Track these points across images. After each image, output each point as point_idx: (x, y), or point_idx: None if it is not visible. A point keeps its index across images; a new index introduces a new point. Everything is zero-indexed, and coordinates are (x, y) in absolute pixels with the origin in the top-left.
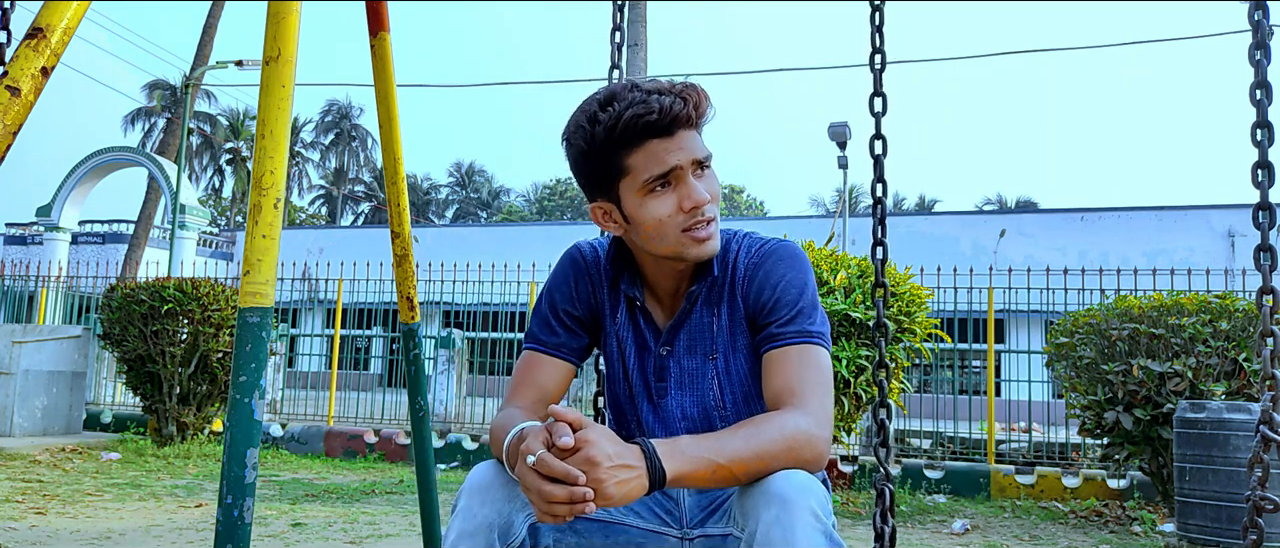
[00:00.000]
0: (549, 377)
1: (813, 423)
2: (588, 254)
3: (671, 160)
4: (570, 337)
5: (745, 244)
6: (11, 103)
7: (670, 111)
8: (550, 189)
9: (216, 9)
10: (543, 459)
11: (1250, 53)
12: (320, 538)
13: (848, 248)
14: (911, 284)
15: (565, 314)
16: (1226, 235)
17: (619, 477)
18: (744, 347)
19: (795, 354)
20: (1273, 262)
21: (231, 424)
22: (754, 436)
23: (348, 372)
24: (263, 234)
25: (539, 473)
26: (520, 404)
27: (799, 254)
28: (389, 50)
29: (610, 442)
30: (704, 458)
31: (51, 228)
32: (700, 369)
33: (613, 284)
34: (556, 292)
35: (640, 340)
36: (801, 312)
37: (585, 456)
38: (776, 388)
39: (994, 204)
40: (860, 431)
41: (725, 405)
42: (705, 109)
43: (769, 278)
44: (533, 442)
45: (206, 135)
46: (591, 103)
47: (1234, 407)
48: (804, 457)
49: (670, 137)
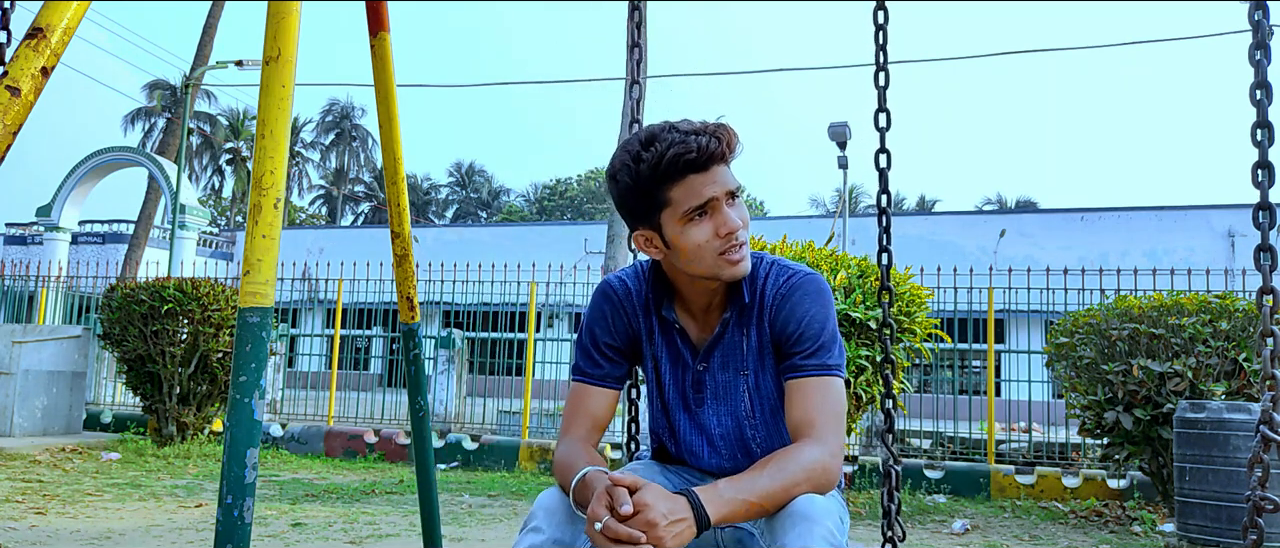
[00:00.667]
0: (598, 405)
1: (828, 454)
2: (618, 289)
3: (708, 193)
4: (612, 367)
5: (773, 272)
6: (11, 103)
7: (707, 150)
8: (550, 189)
9: (216, 9)
10: (609, 526)
11: (1250, 53)
12: (320, 538)
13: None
14: (911, 284)
15: (606, 347)
16: (1226, 235)
17: (675, 531)
18: (771, 366)
19: (815, 386)
20: (1273, 262)
21: (231, 424)
22: (779, 473)
23: (348, 372)
24: (263, 234)
25: (607, 536)
26: (577, 436)
27: (824, 289)
28: (389, 50)
29: (664, 500)
30: (740, 500)
31: (51, 228)
32: (733, 383)
33: (646, 309)
34: (596, 327)
35: (676, 358)
36: (823, 347)
37: (644, 518)
38: (797, 419)
39: (994, 204)
40: (860, 430)
41: (754, 416)
42: (735, 146)
43: (795, 311)
44: (598, 508)
45: (206, 135)
46: (633, 142)
47: (1234, 407)
48: (821, 483)
49: (706, 172)
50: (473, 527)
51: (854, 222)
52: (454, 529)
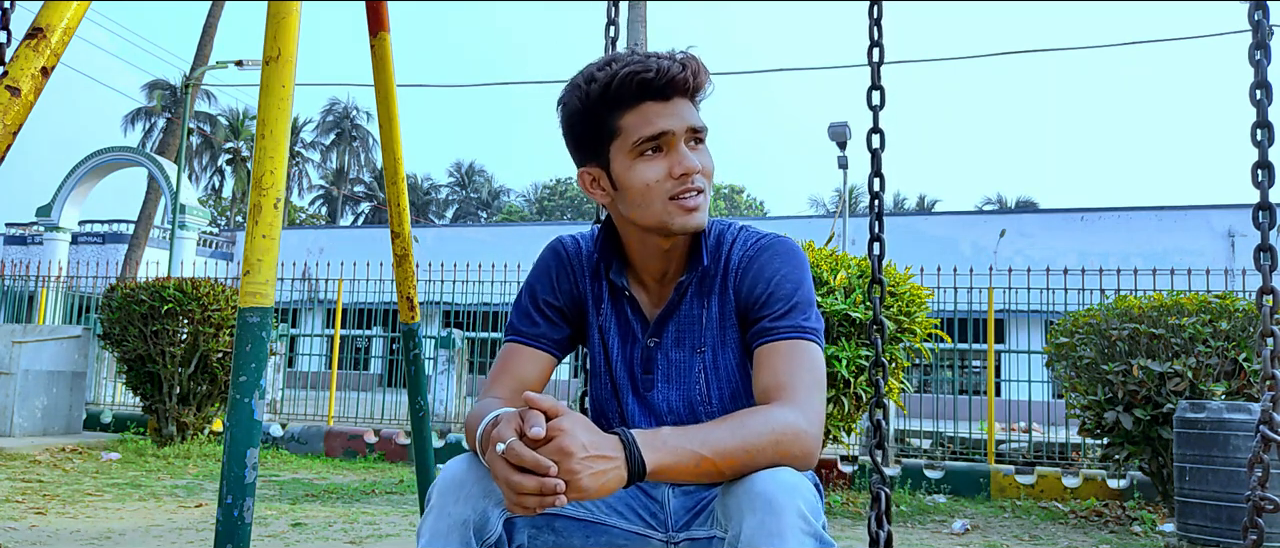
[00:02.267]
0: (529, 368)
1: (802, 418)
2: (569, 247)
3: (664, 124)
4: (551, 327)
5: (741, 237)
6: (11, 103)
7: (667, 73)
8: (550, 189)
9: (216, 9)
10: (513, 448)
11: (1250, 53)
12: (320, 538)
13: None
14: (911, 284)
15: (546, 305)
16: (1226, 235)
17: (594, 468)
18: (734, 342)
19: (786, 349)
20: (1273, 262)
21: (231, 424)
22: (740, 428)
23: (348, 372)
24: (263, 234)
25: (509, 462)
26: (498, 394)
27: (795, 250)
28: (389, 50)
29: (586, 431)
30: (687, 449)
31: (51, 228)
32: (687, 362)
33: (596, 274)
34: (537, 283)
35: (626, 331)
36: (796, 307)
37: (558, 445)
38: (766, 383)
39: (994, 204)
40: (861, 430)
41: (711, 401)
42: (703, 81)
43: (763, 271)
44: (505, 429)
45: (206, 135)
46: (590, 66)
47: (1234, 407)
48: (792, 452)
49: (665, 100)
50: None
51: (854, 222)
52: None
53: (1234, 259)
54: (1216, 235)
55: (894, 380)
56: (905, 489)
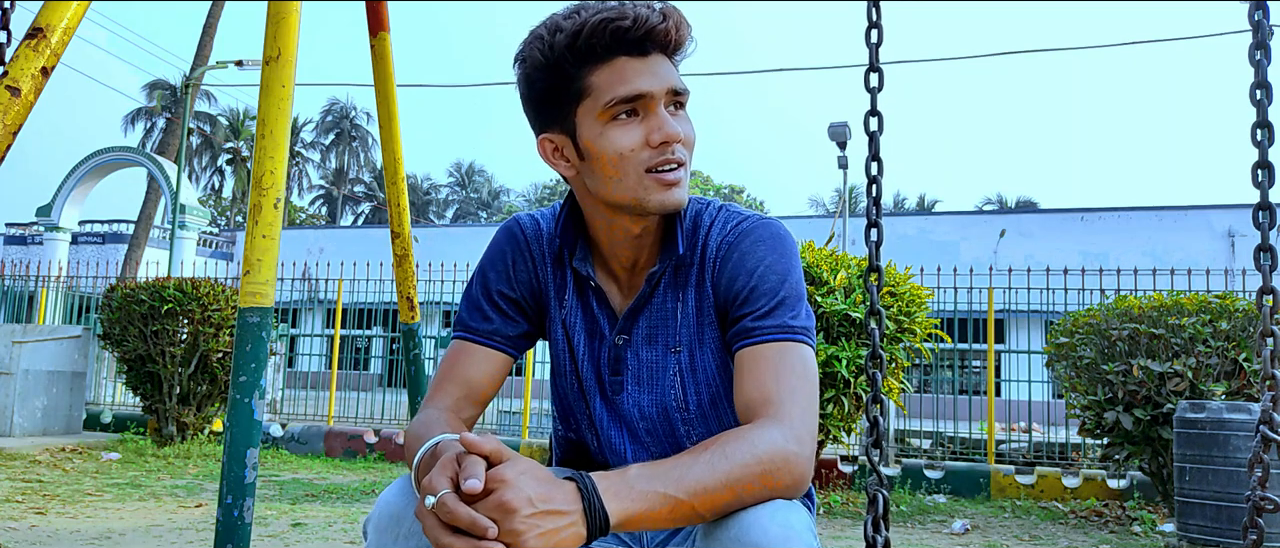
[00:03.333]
0: (479, 369)
1: (792, 440)
2: (528, 228)
3: (642, 84)
4: (505, 322)
5: (720, 219)
6: (11, 103)
7: (645, 22)
8: (550, 189)
9: (216, 9)
10: (444, 503)
11: (1250, 53)
12: (320, 538)
13: (848, 248)
14: (911, 284)
15: (499, 296)
16: (1226, 235)
17: (543, 526)
18: (713, 340)
19: (773, 354)
20: (1273, 262)
21: (231, 424)
22: (722, 460)
23: (348, 372)
24: (263, 234)
25: (439, 519)
26: (442, 404)
27: (782, 234)
28: (389, 50)
29: (534, 482)
30: (659, 494)
31: (51, 228)
32: (660, 363)
33: (558, 261)
34: (490, 271)
35: (592, 327)
36: (783, 303)
37: (499, 500)
38: (749, 395)
39: (994, 204)
40: (860, 430)
41: (688, 406)
42: (686, 35)
43: (745, 261)
44: (437, 478)
45: (206, 135)
46: (554, 15)
47: (1234, 407)
48: (782, 483)
49: (643, 57)
50: None
51: (854, 222)
52: None
53: (1234, 259)
54: (1216, 235)
55: (894, 380)
56: (905, 489)
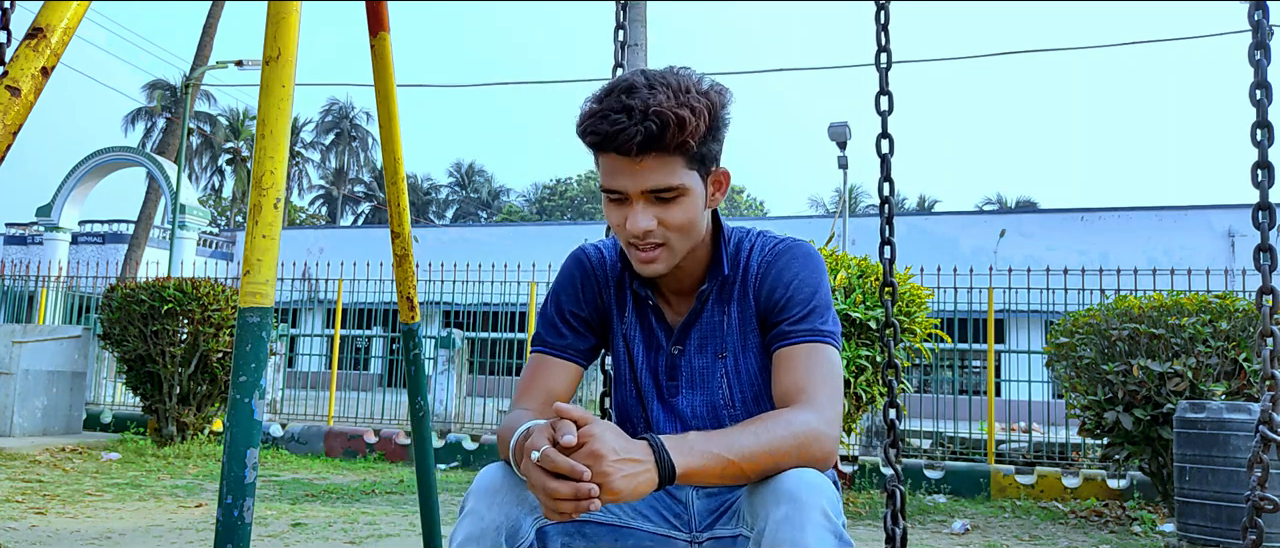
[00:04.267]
0: (556, 378)
1: (822, 421)
2: (593, 256)
3: (619, 183)
4: (577, 338)
5: (759, 243)
6: (11, 103)
7: (614, 140)
8: (550, 189)
9: (216, 9)
10: (547, 455)
11: (1250, 53)
12: (320, 538)
13: (848, 248)
14: (911, 284)
15: (572, 316)
16: (1226, 235)
17: (625, 471)
18: (755, 346)
19: (805, 353)
20: (1273, 262)
21: (231, 424)
22: (764, 432)
23: (348, 372)
24: (263, 234)
25: (544, 469)
26: (528, 406)
27: (814, 254)
28: (389, 50)
29: (616, 436)
30: (714, 453)
31: (51, 228)
32: (710, 368)
33: (619, 284)
34: (562, 294)
35: (650, 339)
36: (814, 311)
37: (590, 450)
38: (785, 386)
39: (994, 204)
40: (860, 430)
41: (734, 404)
42: (686, 133)
43: (782, 276)
44: (538, 438)
45: (206, 135)
46: (595, 92)
47: (1234, 407)
48: (813, 454)
49: (628, 157)
50: None
51: (854, 222)
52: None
53: (1234, 259)
54: (1216, 235)
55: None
56: (905, 489)
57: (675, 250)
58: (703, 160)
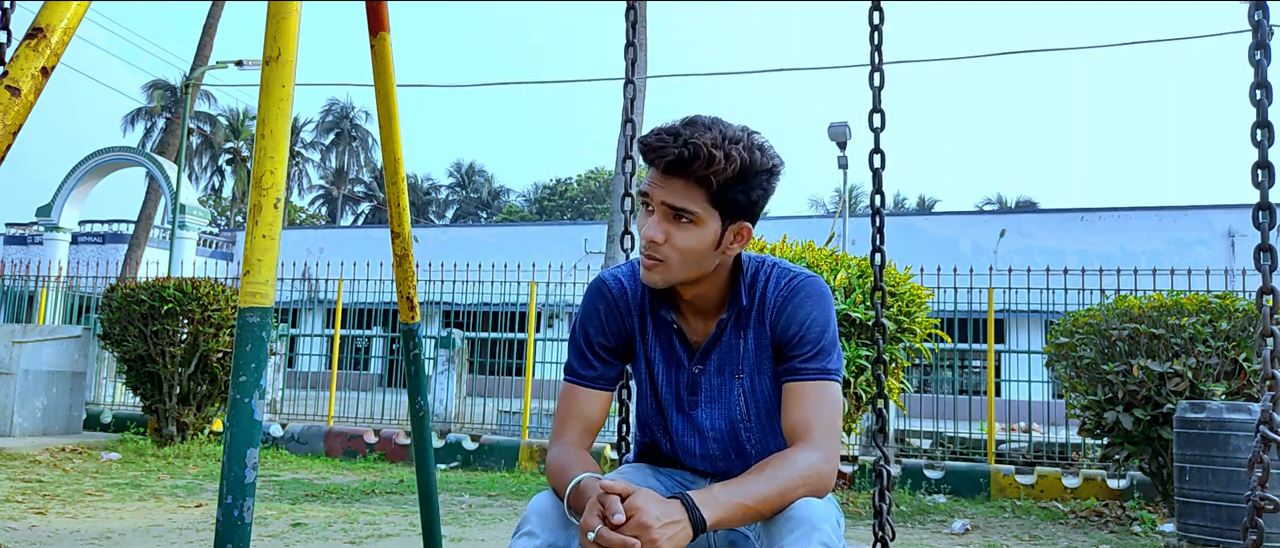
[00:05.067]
0: (590, 407)
1: (824, 459)
2: (613, 287)
3: (647, 189)
4: (606, 368)
5: (774, 275)
6: (11, 103)
7: (654, 153)
8: (550, 189)
9: (216, 9)
10: (602, 535)
11: (1250, 53)
12: (320, 538)
13: (847, 248)
14: (911, 284)
15: (600, 347)
16: (1226, 235)
17: (668, 533)
18: (769, 369)
19: (813, 391)
20: (1273, 262)
21: (231, 424)
22: (775, 478)
23: (348, 372)
24: (263, 234)
25: (601, 545)
26: (569, 439)
27: (825, 292)
28: (389, 50)
29: (656, 505)
30: (736, 504)
31: (51, 228)
32: (728, 386)
33: (642, 309)
34: (589, 326)
35: (671, 357)
36: (822, 351)
37: (638, 522)
38: (793, 422)
39: (994, 204)
40: (860, 430)
41: (750, 419)
42: (711, 169)
43: (796, 315)
44: (590, 517)
45: (206, 135)
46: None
47: (1234, 407)
48: (816, 489)
49: (653, 167)
50: (473, 527)
51: (854, 221)
52: (454, 529)
53: (1234, 259)
54: (1216, 235)
55: (894, 381)
56: (905, 489)
57: (673, 271)
58: (726, 204)
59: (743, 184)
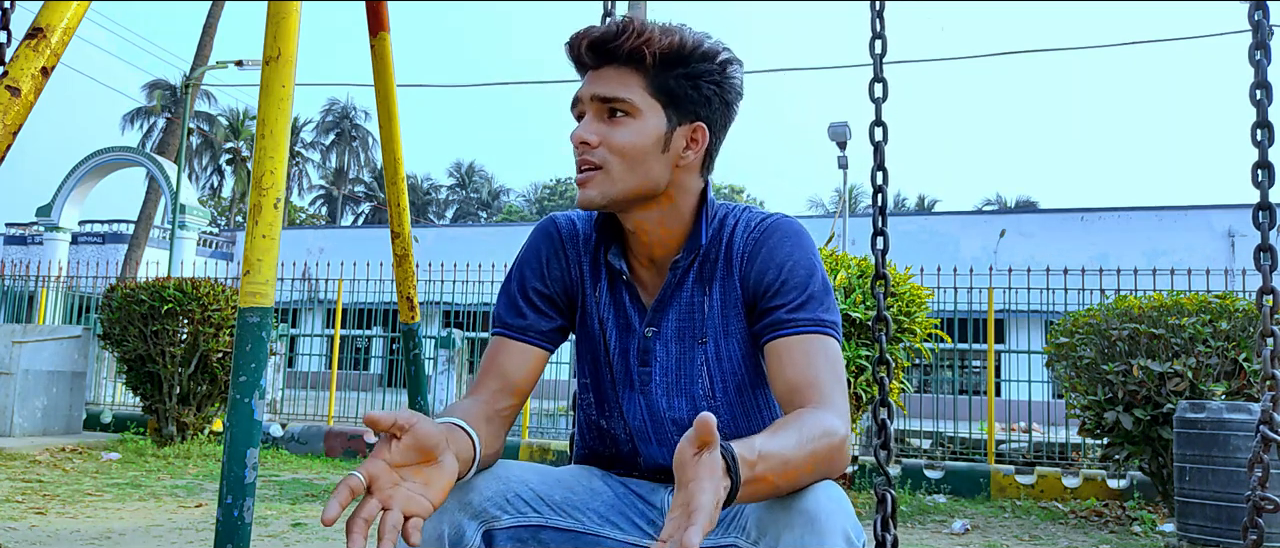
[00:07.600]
0: (515, 364)
1: (843, 425)
2: (563, 227)
3: (579, 91)
4: (540, 318)
5: (743, 219)
6: (11, 103)
7: (579, 42)
8: (550, 189)
9: (216, 9)
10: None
11: (1250, 53)
12: (320, 538)
13: (848, 248)
14: (911, 284)
15: (535, 293)
16: (1226, 235)
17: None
18: (738, 331)
19: (810, 345)
20: (1273, 262)
21: (231, 424)
22: (807, 442)
23: (348, 372)
24: (263, 234)
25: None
26: (479, 396)
27: (803, 232)
28: (389, 50)
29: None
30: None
31: (51, 228)
32: (688, 355)
33: (594, 256)
34: (526, 267)
35: (623, 320)
36: (813, 296)
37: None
38: (793, 381)
39: (994, 204)
40: (860, 430)
41: (715, 396)
42: (643, 40)
43: (773, 256)
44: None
45: (206, 135)
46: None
47: (1234, 407)
48: (836, 465)
49: (593, 68)
50: None
51: (854, 221)
52: None
53: (1234, 259)
54: (1216, 235)
55: (894, 381)
56: (905, 489)
57: (614, 179)
58: (670, 95)
59: (684, 67)
